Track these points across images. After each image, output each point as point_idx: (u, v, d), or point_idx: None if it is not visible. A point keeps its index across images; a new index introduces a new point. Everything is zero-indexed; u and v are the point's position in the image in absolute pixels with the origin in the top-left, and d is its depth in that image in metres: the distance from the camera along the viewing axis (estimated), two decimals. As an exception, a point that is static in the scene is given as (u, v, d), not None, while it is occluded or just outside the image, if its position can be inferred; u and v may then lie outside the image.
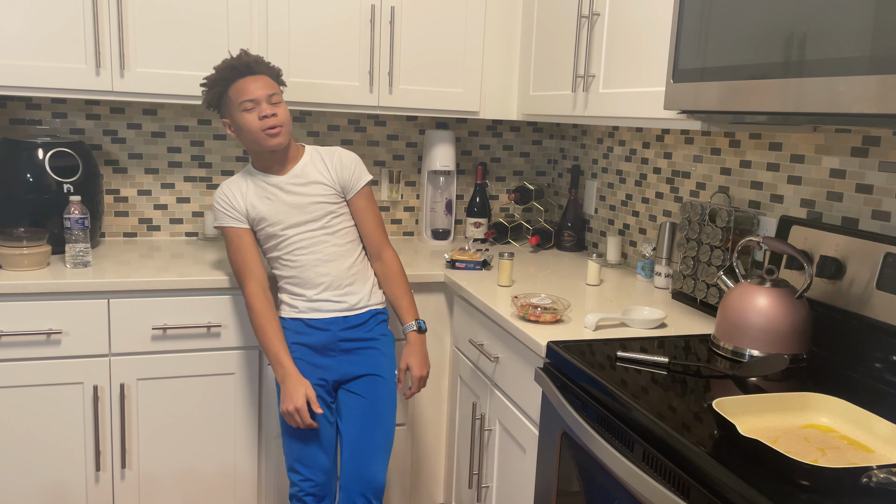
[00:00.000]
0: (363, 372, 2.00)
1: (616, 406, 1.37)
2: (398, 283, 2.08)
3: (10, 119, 2.51)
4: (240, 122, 1.96)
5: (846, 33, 1.16)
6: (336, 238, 2.02)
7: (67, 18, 2.15)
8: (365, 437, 1.96)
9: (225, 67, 1.97)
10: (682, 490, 1.15)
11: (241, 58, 1.99)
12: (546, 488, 1.66)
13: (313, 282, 1.99)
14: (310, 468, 1.96)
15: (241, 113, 1.94)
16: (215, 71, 1.99)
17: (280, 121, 1.95)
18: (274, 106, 1.96)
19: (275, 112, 1.94)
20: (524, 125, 3.07)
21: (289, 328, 2.00)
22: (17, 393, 2.03)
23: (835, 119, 1.33)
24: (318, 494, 1.97)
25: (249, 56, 1.99)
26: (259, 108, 1.93)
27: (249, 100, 1.93)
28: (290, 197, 1.99)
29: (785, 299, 1.55)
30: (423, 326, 2.06)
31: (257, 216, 2.00)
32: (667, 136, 2.37)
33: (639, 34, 1.87)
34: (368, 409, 1.98)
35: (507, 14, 2.57)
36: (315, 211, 2.00)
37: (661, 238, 2.23)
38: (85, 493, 2.14)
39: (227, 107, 1.98)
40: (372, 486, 1.95)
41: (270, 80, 1.99)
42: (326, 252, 2.00)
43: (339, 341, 1.99)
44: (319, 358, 1.98)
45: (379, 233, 2.10)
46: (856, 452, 1.17)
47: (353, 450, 1.95)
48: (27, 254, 2.08)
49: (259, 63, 2.00)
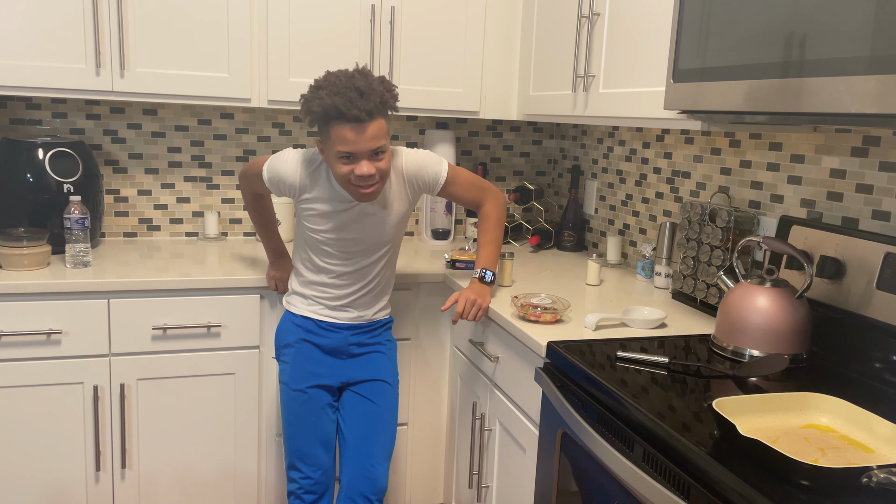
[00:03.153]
0: (369, 376, 1.99)
1: (616, 406, 1.37)
2: (483, 231, 2.05)
3: (10, 119, 2.51)
4: (332, 163, 1.74)
5: (846, 33, 1.16)
6: (384, 259, 1.95)
7: (67, 18, 2.15)
8: (370, 438, 1.96)
9: (330, 106, 1.64)
10: (682, 490, 1.15)
11: (353, 100, 1.63)
12: (546, 488, 1.66)
13: (339, 291, 1.94)
14: (310, 466, 1.96)
15: (335, 159, 1.71)
16: (320, 97, 1.66)
17: (376, 178, 1.72)
18: (375, 162, 1.71)
19: (373, 171, 1.71)
20: (524, 125, 3.07)
21: (299, 325, 1.98)
22: (17, 393, 2.03)
23: (835, 119, 1.33)
24: (317, 493, 1.97)
25: (364, 94, 1.64)
26: (357, 165, 1.70)
27: (348, 153, 1.68)
28: (365, 217, 1.86)
29: (785, 299, 1.55)
30: (487, 277, 2.00)
31: (311, 212, 1.87)
32: (667, 136, 2.37)
33: (639, 34, 1.87)
34: (374, 412, 1.97)
35: (507, 14, 2.57)
36: (382, 237, 1.90)
37: (661, 238, 2.23)
38: (85, 493, 2.14)
39: (324, 138, 1.73)
40: (375, 488, 1.94)
41: (382, 124, 1.69)
42: (367, 272, 1.94)
43: (349, 345, 1.98)
44: (327, 358, 1.98)
45: (475, 195, 2.02)
46: (856, 452, 1.17)
47: (357, 451, 1.95)
48: (27, 254, 2.08)
49: (373, 111, 1.66)
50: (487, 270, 2.00)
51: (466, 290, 1.96)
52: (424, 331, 2.36)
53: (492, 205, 2.05)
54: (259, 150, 2.74)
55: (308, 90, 1.72)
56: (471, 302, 1.93)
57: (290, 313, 2.00)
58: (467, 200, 2.04)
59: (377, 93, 1.67)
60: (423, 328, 2.36)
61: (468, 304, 1.92)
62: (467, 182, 2.01)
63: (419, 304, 2.34)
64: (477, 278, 2.00)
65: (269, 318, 2.21)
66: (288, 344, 1.99)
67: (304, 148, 1.92)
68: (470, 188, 2.01)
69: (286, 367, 1.99)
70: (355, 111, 1.63)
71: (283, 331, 2.01)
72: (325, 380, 1.96)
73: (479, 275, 2.00)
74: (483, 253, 2.04)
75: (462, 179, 1.99)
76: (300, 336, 1.97)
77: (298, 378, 1.95)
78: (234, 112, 2.71)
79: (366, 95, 1.65)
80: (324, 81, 1.69)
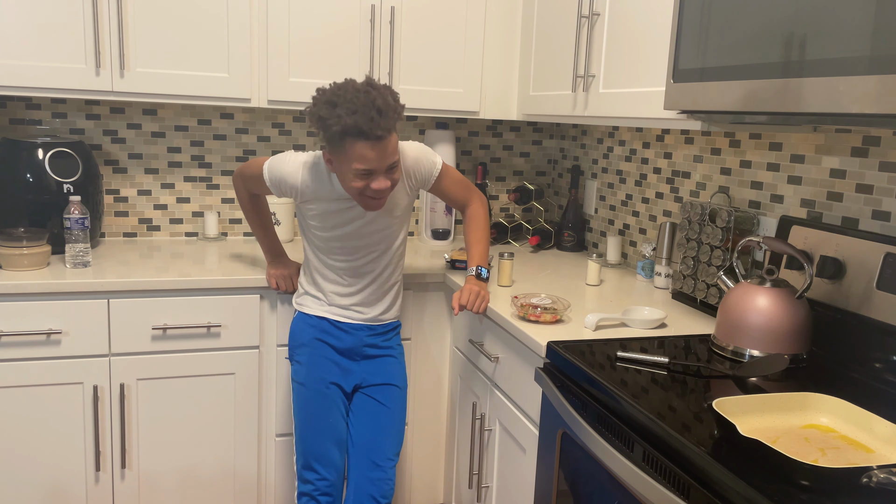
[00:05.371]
0: (381, 380, 2.00)
1: (616, 406, 1.37)
2: (472, 230, 2.07)
3: (10, 119, 2.51)
4: (344, 176, 1.73)
5: (846, 33, 1.16)
6: (390, 254, 1.96)
7: (67, 18, 2.15)
8: (379, 441, 1.96)
9: (351, 125, 1.61)
10: (682, 490, 1.15)
11: (374, 120, 1.61)
12: (546, 488, 1.66)
13: (349, 289, 1.95)
14: (327, 467, 1.95)
15: (349, 173, 1.70)
16: (338, 115, 1.62)
17: (389, 191, 1.75)
18: (389, 176, 1.73)
19: (389, 185, 1.72)
20: (524, 125, 3.07)
21: (313, 325, 1.97)
22: (17, 393, 2.03)
23: (835, 119, 1.33)
24: (332, 494, 1.96)
25: (383, 112, 1.63)
26: (371, 179, 1.71)
27: (365, 170, 1.68)
28: (369, 214, 1.87)
29: (785, 299, 1.55)
30: (483, 274, 2.01)
31: (314, 212, 1.87)
32: (667, 136, 2.37)
33: (639, 34, 1.87)
34: (384, 415, 1.98)
35: (507, 14, 2.57)
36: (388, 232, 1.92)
37: (661, 238, 2.23)
38: (85, 493, 2.14)
39: (335, 151, 1.71)
40: (383, 490, 1.95)
41: (395, 137, 1.71)
42: (374, 266, 1.94)
43: (364, 346, 1.99)
44: (343, 360, 1.98)
45: (462, 194, 2.06)
46: (856, 452, 1.17)
47: (367, 453, 1.95)
48: (27, 254, 2.08)
49: (390, 126, 1.65)
50: (482, 268, 2.01)
51: (466, 285, 1.96)
52: (425, 331, 2.36)
53: (478, 205, 2.09)
54: (259, 150, 2.74)
55: (321, 106, 1.66)
56: (475, 293, 1.93)
57: (303, 314, 2.00)
58: (454, 197, 2.06)
59: (392, 108, 1.66)
60: (423, 328, 2.36)
61: (472, 295, 1.92)
62: (457, 179, 2.05)
63: (419, 303, 2.34)
64: (473, 276, 2.00)
65: (269, 319, 2.21)
66: (303, 344, 1.98)
67: (304, 149, 1.92)
68: (459, 185, 2.05)
69: (300, 368, 1.98)
70: (379, 132, 1.63)
71: (297, 331, 2.01)
72: (339, 380, 1.97)
73: (474, 272, 2.01)
74: (475, 251, 2.05)
75: (453, 176, 2.03)
76: (315, 336, 1.96)
77: (315, 377, 1.95)
78: (234, 112, 2.71)
79: (384, 114, 1.63)
80: (337, 97, 1.64)
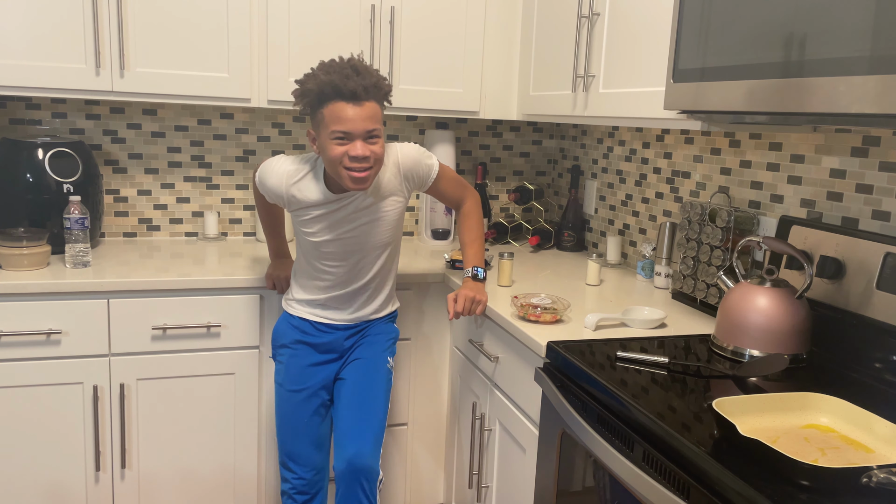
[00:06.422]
0: (358, 356, 1.98)
1: (616, 406, 1.37)
2: (466, 229, 2.06)
3: (10, 119, 2.51)
4: (324, 147, 1.73)
5: (846, 33, 1.16)
6: (382, 258, 1.95)
7: (67, 18, 2.15)
8: (356, 426, 1.91)
9: (326, 82, 1.66)
10: (682, 490, 1.15)
11: (349, 76, 1.65)
12: (546, 488, 1.66)
13: (338, 292, 1.94)
14: (303, 466, 1.96)
15: (329, 141, 1.71)
16: (315, 76, 1.69)
17: (371, 162, 1.72)
18: (370, 144, 1.71)
19: (368, 153, 1.70)
20: (524, 125, 3.07)
21: (295, 326, 1.98)
22: (17, 393, 2.03)
23: (835, 119, 1.33)
24: (309, 493, 1.97)
25: (360, 72, 1.68)
26: (352, 145, 1.70)
27: (343, 132, 1.69)
28: (360, 214, 1.87)
29: (785, 299, 1.55)
30: (480, 275, 2.00)
31: (302, 217, 1.88)
32: (667, 136, 2.37)
33: (639, 34, 1.87)
34: (359, 395, 1.93)
35: (507, 14, 2.57)
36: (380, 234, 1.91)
37: (661, 238, 2.23)
38: (85, 493, 2.14)
39: (316, 122, 1.74)
40: (364, 471, 1.87)
41: (377, 108, 1.72)
42: (365, 269, 1.94)
43: (345, 339, 1.99)
44: (323, 357, 1.98)
45: (457, 192, 2.05)
46: (856, 452, 1.17)
47: (345, 436, 1.90)
48: (27, 254, 2.08)
49: (369, 89, 1.69)
50: (479, 268, 2.01)
51: (462, 288, 1.95)
52: (424, 331, 2.36)
53: (472, 202, 2.08)
54: (259, 150, 2.74)
55: (302, 79, 1.75)
56: (469, 299, 1.92)
57: (287, 314, 2.00)
58: (451, 197, 2.05)
59: (372, 73, 1.71)
60: (423, 328, 2.36)
61: (467, 301, 1.92)
62: (453, 179, 2.04)
63: (419, 303, 2.34)
64: (470, 277, 2.00)
65: (269, 319, 2.21)
66: (284, 345, 1.99)
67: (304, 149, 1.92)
68: (455, 185, 2.05)
69: (281, 368, 1.99)
70: (352, 85, 1.66)
71: (279, 331, 2.01)
72: (320, 381, 1.96)
73: (471, 273, 2.00)
74: (470, 251, 2.04)
75: (449, 176, 2.03)
76: (296, 337, 1.97)
77: (293, 380, 1.96)
78: (234, 112, 2.71)
79: (361, 73, 1.68)
80: (318, 66, 1.74)
